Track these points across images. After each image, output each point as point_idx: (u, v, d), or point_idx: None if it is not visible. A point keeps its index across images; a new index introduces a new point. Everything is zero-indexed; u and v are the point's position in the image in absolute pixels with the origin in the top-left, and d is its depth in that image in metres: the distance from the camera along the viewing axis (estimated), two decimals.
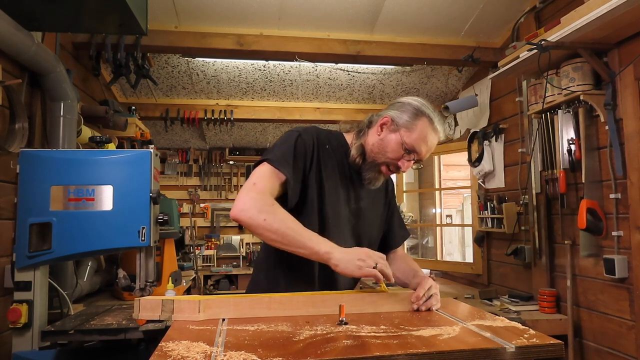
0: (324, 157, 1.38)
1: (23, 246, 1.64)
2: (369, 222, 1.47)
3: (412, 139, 1.33)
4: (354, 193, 1.43)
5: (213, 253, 5.42)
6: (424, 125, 1.34)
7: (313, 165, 1.35)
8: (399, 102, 1.40)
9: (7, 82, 2.00)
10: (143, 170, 1.71)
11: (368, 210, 1.46)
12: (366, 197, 1.45)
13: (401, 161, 1.36)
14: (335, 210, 1.37)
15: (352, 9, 2.97)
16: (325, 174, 1.37)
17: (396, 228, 1.57)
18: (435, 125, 1.35)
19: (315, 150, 1.36)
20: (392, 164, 1.37)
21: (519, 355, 0.83)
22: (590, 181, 2.46)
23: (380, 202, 1.53)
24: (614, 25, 2.13)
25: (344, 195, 1.40)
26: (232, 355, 0.79)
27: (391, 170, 1.39)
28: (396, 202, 1.62)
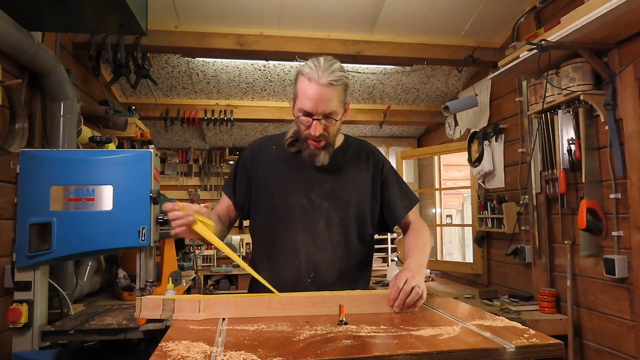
0: (269, 159, 1.49)
1: (23, 246, 1.64)
2: (345, 200, 1.45)
3: (298, 103, 1.37)
4: (316, 178, 1.44)
5: (213, 253, 5.41)
6: (300, 84, 1.36)
7: (256, 173, 1.49)
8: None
9: (7, 82, 2.00)
10: (143, 170, 1.71)
11: (340, 189, 1.45)
12: (334, 178, 1.45)
13: (304, 126, 1.38)
14: (291, 201, 1.42)
15: (352, 9, 2.97)
16: (274, 173, 1.46)
17: (395, 199, 1.52)
18: (309, 75, 1.32)
19: (254, 159, 1.50)
20: (307, 134, 1.39)
21: (519, 355, 0.83)
22: (590, 181, 2.46)
23: (361, 178, 1.50)
24: (614, 25, 2.13)
25: (301, 184, 1.43)
26: (232, 355, 0.79)
27: (310, 138, 1.39)
28: (393, 172, 1.56)
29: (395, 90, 4.15)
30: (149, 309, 1.11)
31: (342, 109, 1.40)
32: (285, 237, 1.41)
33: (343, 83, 1.36)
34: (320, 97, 1.32)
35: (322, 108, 1.33)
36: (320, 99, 1.32)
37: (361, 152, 1.55)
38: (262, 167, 1.48)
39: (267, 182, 1.46)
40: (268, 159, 1.49)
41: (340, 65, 1.38)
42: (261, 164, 1.49)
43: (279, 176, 1.46)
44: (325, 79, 1.31)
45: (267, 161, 1.49)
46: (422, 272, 1.27)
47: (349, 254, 1.44)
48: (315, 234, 1.40)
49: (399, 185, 1.55)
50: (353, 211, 1.46)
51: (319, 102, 1.32)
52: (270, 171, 1.47)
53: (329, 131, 1.38)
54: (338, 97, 1.35)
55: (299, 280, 1.36)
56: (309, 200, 1.42)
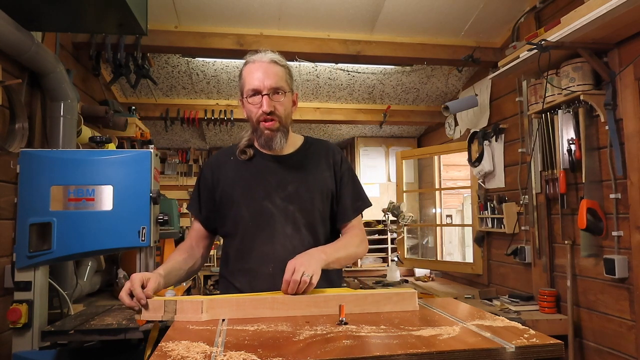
0: (226, 173, 1.47)
1: (23, 246, 1.64)
2: (306, 202, 1.43)
3: (246, 87, 1.39)
4: (278, 181, 1.43)
5: (213, 253, 5.41)
6: (245, 71, 1.41)
7: (218, 186, 1.47)
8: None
9: (7, 82, 2.00)
10: (143, 170, 1.71)
11: (304, 190, 1.43)
12: (296, 179, 1.44)
13: (255, 107, 1.39)
14: (255, 208, 1.41)
15: (352, 9, 2.97)
16: (236, 182, 1.45)
17: (346, 201, 1.49)
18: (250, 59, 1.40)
19: (214, 174, 1.49)
20: (260, 116, 1.40)
21: (519, 355, 0.83)
22: (590, 181, 2.46)
23: (323, 177, 1.48)
24: (614, 25, 2.13)
25: (264, 189, 1.42)
26: (232, 355, 0.79)
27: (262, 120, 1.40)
28: (349, 171, 1.53)
29: (395, 90, 4.15)
30: (151, 310, 1.11)
31: (290, 91, 1.43)
32: (256, 244, 1.39)
33: (286, 66, 1.43)
34: (265, 72, 1.37)
35: (268, 82, 1.37)
36: (266, 73, 1.37)
37: (321, 151, 1.52)
38: (223, 180, 1.47)
39: (231, 193, 1.44)
40: (228, 171, 1.48)
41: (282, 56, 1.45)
42: (222, 176, 1.47)
43: (240, 184, 1.44)
44: (268, 57, 1.39)
45: (227, 173, 1.47)
46: (321, 258, 1.26)
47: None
48: (285, 237, 1.38)
49: (352, 185, 1.52)
50: (318, 210, 1.44)
51: (265, 77, 1.37)
52: (232, 181, 1.45)
53: (278, 110, 1.39)
54: (284, 76, 1.40)
55: (274, 287, 1.30)
56: (274, 205, 1.40)
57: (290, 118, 1.46)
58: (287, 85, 1.41)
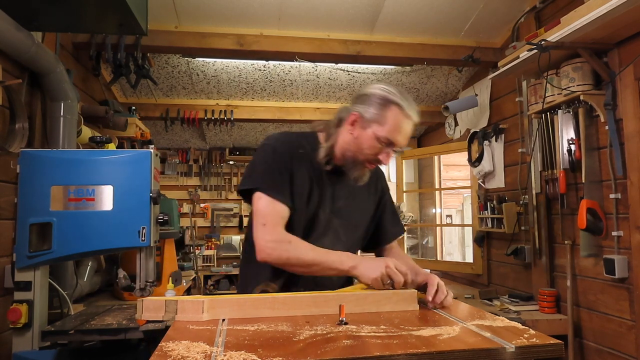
0: (299, 163, 1.38)
1: (23, 246, 1.64)
2: (351, 220, 1.45)
3: (385, 130, 1.31)
4: (332, 193, 1.41)
5: (213, 253, 5.41)
6: (394, 114, 1.32)
7: (292, 173, 1.36)
8: (364, 94, 1.37)
9: (7, 82, 2.00)
10: (143, 170, 1.71)
11: (349, 208, 1.44)
12: (346, 196, 1.43)
13: (381, 155, 1.35)
14: (314, 215, 1.38)
15: (352, 9, 2.97)
16: (302, 180, 1.37)
17: (387, 224, 1.54)
18: (407, 111, 1.33)
19: (290, 158, 1.37)
20: (372, 159, 1.36)
21: (519, 355, 0.83)
22: (590, 181, 2.46)
23: (367, 199, 1.50)
24: (614, 25, 2.13)
25: (320, 198, 1.39)
26: (232, 355, 0.79)
27: (374, 164, 1.38)
28: (390, 199, 1.59)
29: None
30: (151, 310, 1.11)
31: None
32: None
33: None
34: (409, 132, 1.35)
35: (405, 143, 1.36)
36: (408, 134, 1.35)
37: (372, 174, 1.52)
38: (296, 173, 1.38)
39: (298, 190, 1.37)
40: (302, 162, 1.40)
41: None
42: (294, 166, 1.38)
43: (306, 186, 1.39)
44: (416, 117, 1.35)
45: (301, 164, 1.39)
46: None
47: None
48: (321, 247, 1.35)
49: (392, 212, 1.58)
50: (357, 232, 1.47)
51: (407, 138, 1.35)
52: (301, 179, 1.39)
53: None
54: None
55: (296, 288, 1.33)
56: (323, 214, 1.40)
57: None
58: None
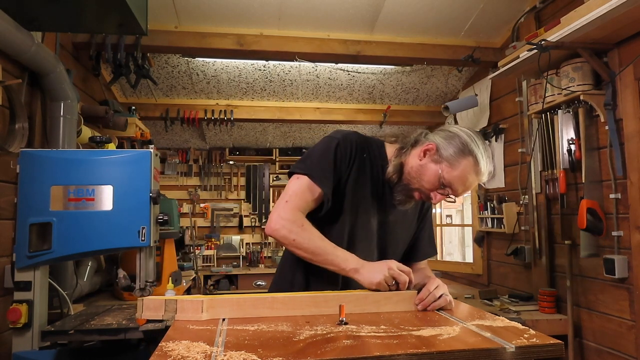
0: (361, 166, 1.36)
1: (23, 246, 1.64)
2: (396, 236, 1.44)
3: (452, 175, 1.28)
4: (385, 206, 1.40)
5: (213, 253, 5.41)
6: (467, 165, 1.28)
7: (350, 174, 1.34)
8: (450, 132, 1.33)
9: (7, 82, 2.00)
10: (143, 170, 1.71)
11: (396, 224, 1.43)
12: (396, 211, 1.41)
13: (434, 193, 1.31)
14: (364, 221, 1.37)
15: (352, 9, 2.97)
16: (360, 184, 1.35)
17: (423, 244, 1.54)
18: (480, 167, 1.28)
19: (353, 159, 1.35)
20: (424, 193, 1.33)
21: (519, 355, 0.83)
22: (590, 181, 2.46)
23: (412, 218, 1.50)
24: (614, 25, 2.13)
25: (374, 207, 1.38)
26: (232, 355, 0.79)
27: (423, 197, 1.35)
28: (431, 219, 1.59)
29: (395, 90, 4.15)
30: (151, 309, 1.11)
31: None
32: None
33: None
34: (471, 188, 1.33)
35: (463, 195, 1.35)
36: (469, 189, 1.34)
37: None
38: (354, 173, 1.35)
39: (354, 193, 1.35)
40: (364, 167, 1.38)
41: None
42: (355, 169, 1.36)
43: (364, 192, 1.37)
44: (485, 178, 1.32)
45: (360, 169, 1.37)
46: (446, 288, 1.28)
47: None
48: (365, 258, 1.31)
49: (429, 233, 1.58)
50: (399, 248, 1.47)
51: (466, 191, 1.34)
52: (360, 182, 1.37)
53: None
54: None
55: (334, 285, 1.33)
56: (375, 224, 1.40)
57: None
58: None
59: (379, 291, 1.20)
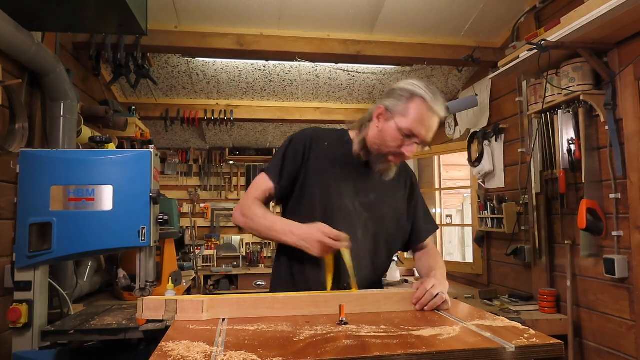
0: (321, 154, 1.45)
1: (23, 246, 1.64)
2: (383, 214, 1.47)
3: (408, 122, 1.34)
4: (363, 186, 1.45)
5: (213, 253, 5.41)
6: (417, 106, 1.34)
7: (308, 163, 1.43)
8: (391, 89, 1.43)
9: (7, 82, 2.00)
10: (143, 170, 1.71)
11: (380, 203, 1.47)
12: (377, 190, 1.46)
13: (403, 147, 1.37)
14: (339, 203, 1.41)
15: (352, 9, 2.97)
16: (324, 170, 1.43)
17: (420, 222, 1.57)
18: (430, 104, 1.34)
19: (307, 149, 1.45)
20: (395, 152, 1.39)
21: (519, 355, 0.83)
22: (590, 181, 2.46)
23: (398, 195, 1.53)
24: (614, 25, 2.13)
25: (349, 189, 1.43)
26: (232, 355, 0.79)
27: (397, 158, 1.40)
28: (421, 196, 1.61)
29: None
30: (151, 309, 1.11)
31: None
32: None
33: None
34: (432, 126, 1.37)
35: (428, 136, 1.37)
36: (431, 128, 1.37)
37: (402, 171, 1.56)
38: (314, 162, 1.44)
39: (318, 179, 1.43)
40: (321, 155, 1.45)
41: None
42: (313, 158, 1.44)
43: (330, 176, 1.43)
44: (441, 112, 1.36)
45: (319, 157, 1.45)
46: (446, 284, 1.30)
47: (374, 265, 1.46)
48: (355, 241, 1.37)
49: (424, 210, 1.60)
50: (386, 226, 1.48)
51: (430, 131, 1.36)
52: (322, 169, 1.44)
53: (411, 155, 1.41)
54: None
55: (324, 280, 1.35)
56: (353, 206, 1.43)
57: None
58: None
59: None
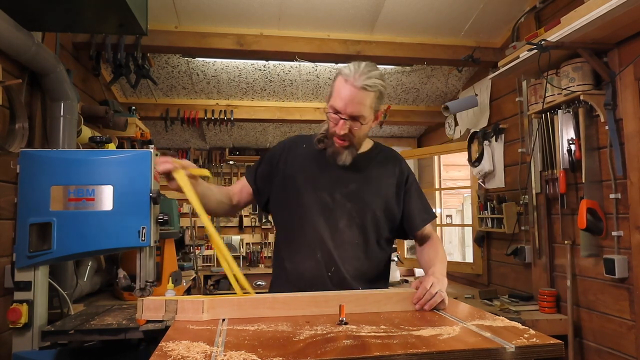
0: (297, 157, 1.53)
1: (23, 246, 1.64)
2: (367, 201, 1.49)
3: (330, 101, 1.41)
4: (342, 178, 1.48)
5: (213, 253, 5.41)
6: (336, 83, 1.40)
7: (283, 168, 1.52)
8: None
9: (7, 82, 2.00)
10: (143, 170, 1.71)
11: (363, 191, 1.49)
12: (359, 180, 1.49)
13: (332, 123, 1.42)
14: (319, 198, 1.46)
15: (352, 9, 2.97)
16: (302, 170, 1.50)
17: (415, 211, 1.56)
18: (346, 77, 1.37)
19: (284, 154, 1.54)
20: (332, 132, 1.43)
21: (519, 355, 0.83)
22: (590, 181, 2.46)
23: (385, 183, 1.53)
24: (614, 25, 2.13)
25: (326, 183, 1.47)
26: (232, 355, 0.79)
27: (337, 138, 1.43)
28: (416, 184, 1.61)
29: (395, 90, 4.15)
30: (151, 310, 1.11)
31: (372, 115, 1.44)
32: (307, 231, 1.44)
33: (377, 90, 1.40)
34: (351, 98, 1.36)
35: (350, 109, 1.37)
36: (351, 100, 1.36)
37: (389, 158, 1.59)
38: (290, 163, 1.52)
39: (294, 178, 1.49)
40: (297, 156, 1.53)
41: (380, 73, 1.43)
42: (290, 160, 1.53)
43: (305, 173, 1.50)
44: (360, 82, 1.36)
45: (296, 158, 1.53)
46: (445, 281, 1.31)
47: (367, 254, 1.48)
48: (336, 231, 1.44)
49: (420, 198, 1.59)
50: (373, 214, 1.49)
51: (349, 104, 1.37)
52: (297, 168, 1.51)
53: (353, 133, 1.42)
54: (369, 103, 1.39)
55: (320, 273, 1.41)
56: (332, 198, 1.46)
57: (365, 136, 1.51)
58: (371, 111, 1.42)
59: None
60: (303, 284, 1.38)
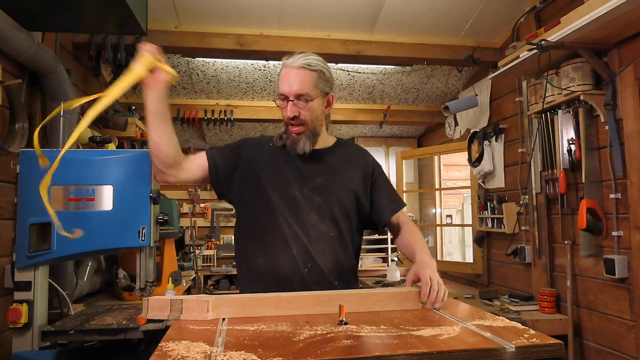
0: (261, 155, 1.53)
1: (23, 246, 1.64)
2: (335, 193, 1.50)
3: (279, 91, 1.44)
4: (309, 172, 1.49)
5: (213, 253, 5.41)
6: (280, 74, 1.45)
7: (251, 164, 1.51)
8: None
9: (7, 82, 2.00)
10: (143, 170, 1.71)
11: (331, 184, 1.50)
12: (325, 173, 1.51)
13: (283, 110, 1.45)
14: (286, 193, 1.46)
15: (352, 9, 2.97)
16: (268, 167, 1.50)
17: (381, 202, 1.57)
18: (287, 62, 1.42)
19: (250, 150, 1.54)
20: (286, 120, 1.46)
21: (519, 355, 0.83)
22: (590, 181, 2.46)
23: (351, 175, 1.54)
24: (614, 25, 2.13)
25: (292, 178, 1.48)
26: (232, 355, 0.79)
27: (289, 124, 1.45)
28: (383, 175, 1.62)
29: (395, 90, 4.15)
30: (157, 309, 1.11)
31: (319, 95, 1.45)
32: (280, 227, 1.44)
33: (319, 70, 1.43)
34: (292, 78, 1.41)
35: (294, 88, 1.40)
36: (293, 80, 1.41)
37: (353, 151, 1.61)
38: (256, 160, 1.52)
39: (261, 175, 1.49)
40: (263, 153, 1.54)
41: (320, 58, 1.46)
42: (256, 156, 1.53)
43: (272, 169, 1.50)
44: (299, 62, 1.41)
45: (262, 155, 1.53)
46: (434, 262, 1.36)
47: (342, 246, 1.49)
48: (309, 225, 1.44)
49: (387, 189, 1.60)
50: (343, 206, 1.50)
51: (292, 83, 1.40)
52: (264, 165, 1.51)
53: (304, 115, 1.43)
54: (312, 81, 1.42)
55: (297, 269, 1.40)
56: (301, 193, 1.47)
57: (320, 121, 1.50)
58: (316, 90, 1.43)
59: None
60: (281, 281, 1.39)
